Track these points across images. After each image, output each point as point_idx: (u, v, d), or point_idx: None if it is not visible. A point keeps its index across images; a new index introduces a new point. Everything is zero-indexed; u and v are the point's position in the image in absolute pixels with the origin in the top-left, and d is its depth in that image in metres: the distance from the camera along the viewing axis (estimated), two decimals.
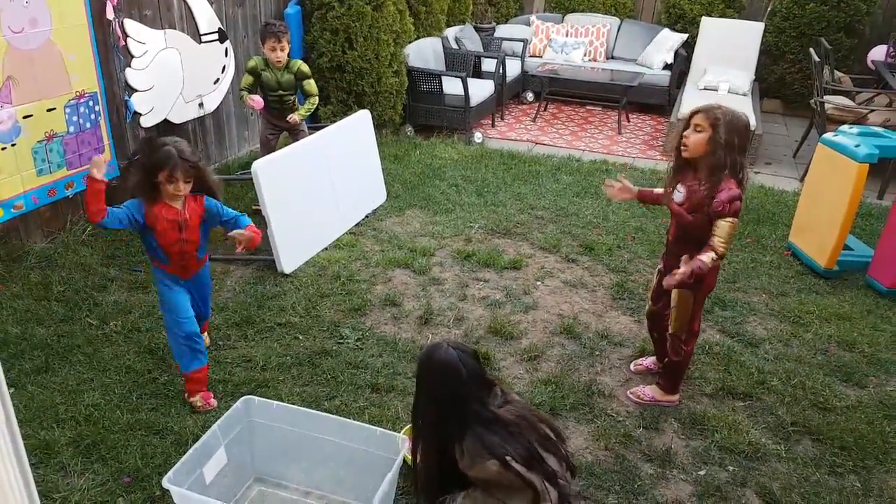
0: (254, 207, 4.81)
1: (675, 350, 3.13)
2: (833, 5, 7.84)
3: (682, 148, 2.85)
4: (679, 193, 2.92)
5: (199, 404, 3.02)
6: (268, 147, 4.84)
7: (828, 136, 4.48)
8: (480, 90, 7.05)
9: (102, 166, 2.72)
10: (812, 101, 6.62)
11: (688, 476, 2.82)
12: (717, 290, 4.20)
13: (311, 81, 4.79)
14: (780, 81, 8.38)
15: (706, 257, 2.76)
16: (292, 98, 4.81)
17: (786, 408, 3.23)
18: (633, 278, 4.35)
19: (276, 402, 2.65)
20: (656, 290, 3.21)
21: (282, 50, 4.56)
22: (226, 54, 5.46)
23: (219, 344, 3.52)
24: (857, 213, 4.24)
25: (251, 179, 4.11)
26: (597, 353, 3.61)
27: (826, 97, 6.46)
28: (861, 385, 3.44)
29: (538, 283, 4.28)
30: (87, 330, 3.55)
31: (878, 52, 7.84)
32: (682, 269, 2.77)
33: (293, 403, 2.97)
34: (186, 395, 3.06)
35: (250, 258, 4.34)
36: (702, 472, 2.84)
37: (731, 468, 2.87)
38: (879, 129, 4.50)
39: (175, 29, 4.94)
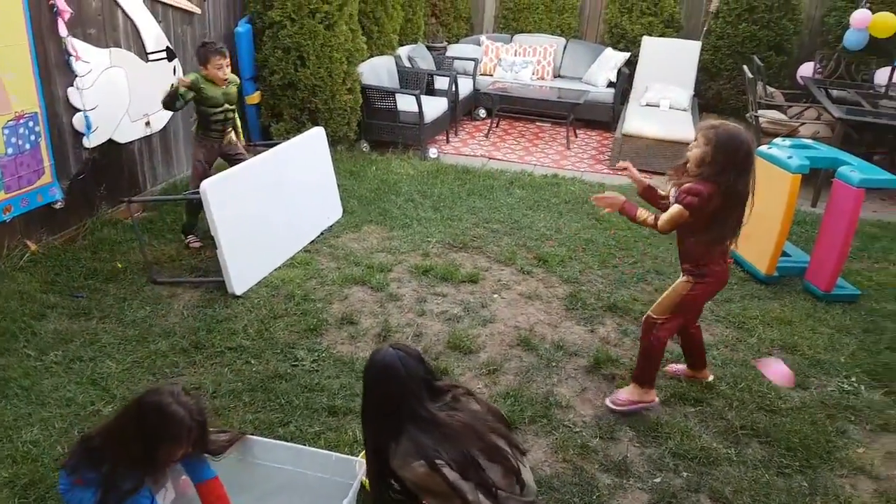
0: (190, 244, 4.72)
1: (646, 332, 3.19)
2: (763, 25, 8.22)
3: (686, 161, 2.99)
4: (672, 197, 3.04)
5: None
6: (205, 177, 4.21)
7: (763, 148, 4.66)
8: (434, 107, 7.12)
9: None
10: (747, 115, 6.91)
11: (644, 484, 2.87)
12: None
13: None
14: (717, 97, 8.70)
15: (641, 211, 3.05)
16: (233, 114, 4.72)
17: (735, 412, 3.32)
18: (585, 289, 4.43)
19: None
20: None
21: (227, 66, 4.49)
22: (174, 73, 5.38)
23: (165, 371, 3.42)
24: (793, 221, 4.41)
25: (200, 199, 4.03)
26: (553, 364, 3.65)
27: (760, 111, 6.74)
28: (804, 387, 3.57)
29: (495, 295, 4.31)
30: (25, 361, 3.41)
31: (806, 69, 8.25)
32: (603, 200, 3.16)
33: (245, 431, 2.92)
34: None
35: (199, 280, 4.26)
36: (657, 480, 2.89)
37: (685, 474, 2.93)
38: (810, 142, 4.72)
39: (121, 48, 4.85)
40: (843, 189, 4.23)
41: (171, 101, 4.38)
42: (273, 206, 4.52)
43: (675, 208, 2.91)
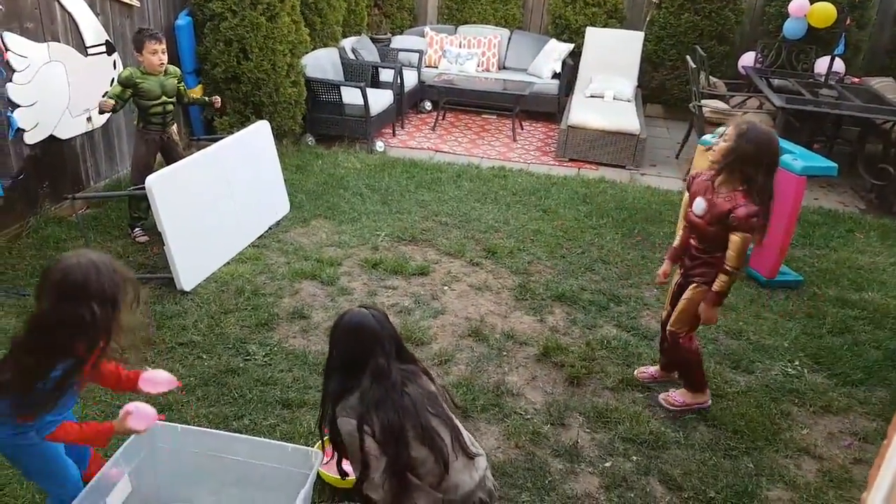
0: (136, 237, 4.64)
1: (675, 347, 3.23)
2: (705, 15, 8.41)
3: (712, 154, 3.03)
4: (699, 206, 3.05)
5: None
6: (148, 170, 4.27)
7: (706, 137, 4.80)
8: (379, 100, 7.09)
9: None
10: (691, 105, 7.09)
11: (595, 469, 2.96)
12: (611, 286, 4.46)
13: (183, 85, 4.71)
14: (660, 87, 8.89)
15: (716, 285, 3.00)
16: (173, 106, 4.63)
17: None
18: (533, 279, 4.51)
19: (180, 426, 2.57)
20: (674, 293, 3.32)
21: (163, 52, 4.40)
22: (114, 66, 5.23)
23: None
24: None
25: (144, 195, 3.96)
26: (504, 353, 3.72)
27: (703, 101, 6.93)
28: (749, 371, 3.71)
29: (445, 287, 4.36)
30: None
31: (747, 59, 8.48)
32: (706, 316, 3.09)
33: (199, 425, 2.90)
34: None
35: (147, 277, 4.18)
36: (608, 464, 2.99)
37: (634, 458, 3.03)
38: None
39: (59, 42, 4.69)
40: (785, 177, 4.39)
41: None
42: (220, 201, 4.46)
43: (737, 240, 2.92)
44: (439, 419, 2.15)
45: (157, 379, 2.36)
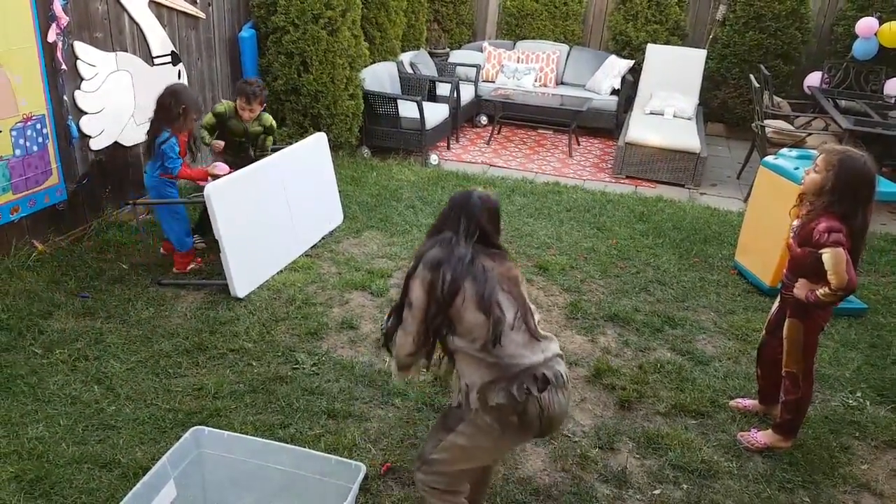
0: (196, 243, 4.74)
1: (792, 388, 3.06)
2: (770, 34, 8.19)
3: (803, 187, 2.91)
4: (795, 225, 2.97)
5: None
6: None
7: (769, 158, 4.65)
8: (435, 113, 7.13)
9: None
10: (753, 124, 6.89)
11: (643, 496, 2.86)
12: (667, 308, 4.34)
13: (271, 138, 4.89)
14: (722, 106, 8.68)
15: (820, 291, 2.78)
16: (248, 145, 4.83)
17: (737, 425, 3.31)
18: (586, 297, 4.43)
19: (227, 433, 2.60)
20: (772, 320, 3.23)
21: (251, 111, 4.58)
22: (179, 77, 5.40)
23: (169, 372, 3.43)
24: None
25: (204, 202, 4.06)
26: None
27: (766, 121, 6.73)
28: None
29: None
30: (32, 359, 3.43)
31: (813, 79, 8.23)
32: (797, 292, 2.90)
33: (246, 432, 2.93)
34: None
35: (203, 283, 4.27)
36: (657, 492, 2.89)
37: (685, 486, 2.92)
38: (817, 153, 4.69)
39: (127, 51, 4.87)
40: None
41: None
42: (275, 211, 4.54)
43: (828, 256, 2.70)
44: (510, 296, 2.17)
45: (218, 170, 4.29)
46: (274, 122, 4.87)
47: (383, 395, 3.36)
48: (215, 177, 4.22)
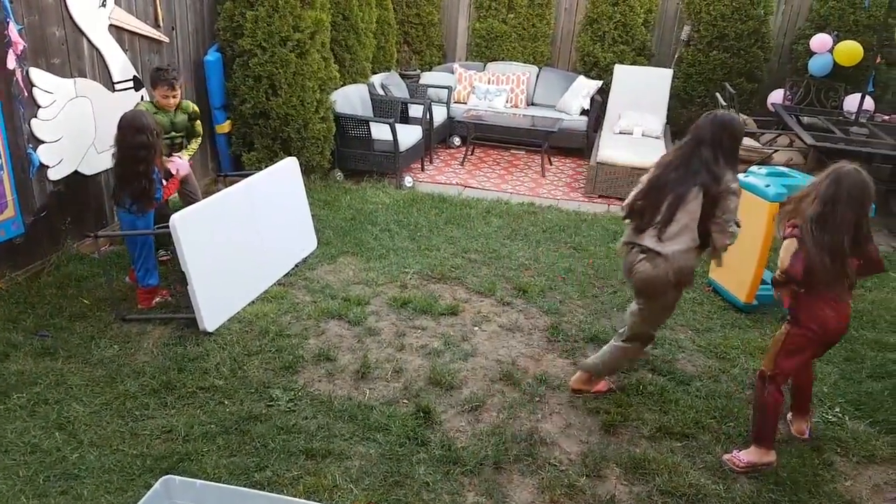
0: (161, 258, 4.61)
1: (760, 387, 3.13)
2: (734, 53, 8.33)
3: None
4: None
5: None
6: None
7: (739, 176, 4.66)
8: (409, 135, 7.07)
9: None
10: None
11: None
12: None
13: (199, 121, 4.75)
14: (689, 124, 8.63)
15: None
16: (182, 140, 4.69)
17: (721, 446, 3.27)
18: (566, 319, 4.37)
19: (199, 481, 2.46)
20: None
21: (174, 97, 4.46)
22: (141, 101, 5.25)
23: (135, 414, 3.27)
24: (770, 249, 4.42)
25: (169, 233, 3.91)
26: (536, 398, 3.57)
27: None
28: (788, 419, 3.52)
29: (475, 328, 4.23)
30: None
31: (776, 96, 8.38)
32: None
33: (219, 477, 2.81)
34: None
35: (169, 317, 4.12)
36: None
37: None
38: (785, 169, 4.75)
39: (86, 77, 4.73)
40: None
41: None
42: (245, 239, 4.41)
43: (785, 245, 3.01)
44: (686, 212, 3.20)
45: (179, 167, 4.44)
46: (196, 107, 4.73)
47: (364, 430, 3.24)
48: (183, 179, 4.35)
